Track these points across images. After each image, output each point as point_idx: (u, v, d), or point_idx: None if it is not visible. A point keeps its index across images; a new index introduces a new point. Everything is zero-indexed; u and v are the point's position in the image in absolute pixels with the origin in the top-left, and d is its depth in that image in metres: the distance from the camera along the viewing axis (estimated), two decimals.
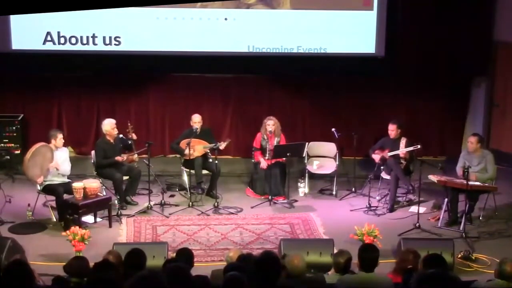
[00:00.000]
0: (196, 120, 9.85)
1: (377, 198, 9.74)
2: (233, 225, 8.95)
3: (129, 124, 9.68)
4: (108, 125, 9.45)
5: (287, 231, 8.83)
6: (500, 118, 11.54)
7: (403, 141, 9.67)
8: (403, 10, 10.96)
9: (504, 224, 9.07)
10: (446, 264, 5.69)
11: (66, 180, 8.99)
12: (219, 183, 9.87)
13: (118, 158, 9.27)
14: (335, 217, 9.23)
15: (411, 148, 9.49)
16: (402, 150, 9.57)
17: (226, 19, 10.76)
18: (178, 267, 4.76)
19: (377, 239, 7.83)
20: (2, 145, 10.77)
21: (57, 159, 8.87)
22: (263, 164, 9.85)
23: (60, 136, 9.00)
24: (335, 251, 6.86)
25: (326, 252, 7.29)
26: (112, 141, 9.45)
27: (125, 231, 8.68)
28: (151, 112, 11.53)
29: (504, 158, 11.04)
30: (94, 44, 10.66)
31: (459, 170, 9.08)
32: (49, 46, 10.61)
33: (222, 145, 9.72)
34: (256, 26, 10.84)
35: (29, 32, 10.56)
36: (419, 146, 9.43)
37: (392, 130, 9.70)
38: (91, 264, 5.61)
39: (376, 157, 9.73)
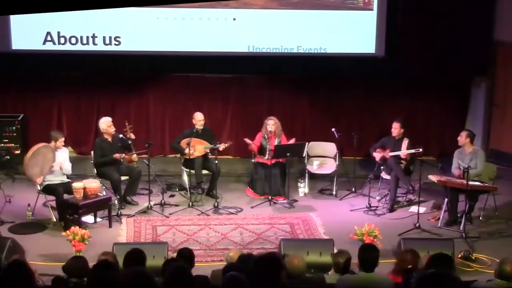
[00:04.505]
0: (200, 119, 9.85)
1: (377, 198, 9.74)
2: (233, 225, 8.95)
3: (127, 124, 9.65)
4: (104, 124, 9.46)
5: (287, 231, 8.83)
6: (500, 118, 11.54)
7: (405, 142, 9.67)
8: (403, 10, 10.95)
9: (504, 224, 9.07)
10: (453, 264, 5.70)
11: (66, 180, 9.00)
12: (219, 183, 9.87)
13: (116, 155, 9.26)
14: (335, 217, 9.23)
15: (412, 151, 9.49)
16: (404, 151, 9.57)
17: (226, 19, 10.76)
18: (180, 266, 4.77)
19: (377, 239, 7.83)
20: (2, 145, 10.77)
21: (58, 159, 8.88)
22: (252, 146, 9.90)
23: (62, 139, 9.06)
24: (335, 251, 6.87)
25: (326, 252, 7.28)
26: (110, 139, 9.45)
27: (125, 231, 8.68)
28: (151, 112, 11.53)
29: (504, 158, 11.05)
30: (94, 44, 10.66)
31: (454, 170, 9.11)
32: (49, 46, 10.61)
33: (221, 147, 9.71)
34: (256, 26, 10.84)
35: (29, 32, 10.55)
36: (420, 150, 9.43)
37: (396, 128, 9.70)
38: (91, 264, 5.60)
39: (377, 155, 9.73)
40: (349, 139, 10.23)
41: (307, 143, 10.15)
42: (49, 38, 10.60)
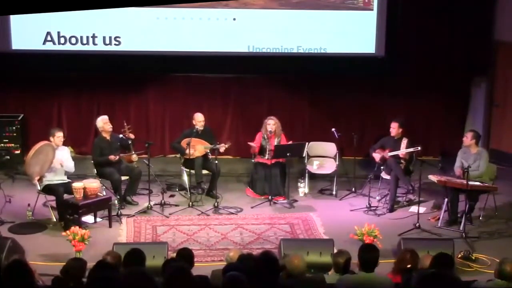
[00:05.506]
0: (200, 119, 9.84)
1: (377, 198, 9.74)
2: (233, 225, 8.95)
3: (125, 124, 9.63)
4: (100, 121, 9.47)
5: (287, 231, 8.83)
6: (500, 118, 11.54)
7: (404, 142, 9.67)
8: (403, 10, 10.96)
9: (504, 224, 9.07)
10: (454, 265, 5.71)
11: (66, 180, 8.99)
12: (219, 183, 9.87)
13: (111, 157, 9.25)
14: (335, 217, 9.23)
15: (411, 150, 9.50)
16: (402, 150, 9.57)
17: (226, 19, 10.76)
18: (180, 267, 4.77)
19: (377, 239, 7.83)
20: (2, 145, 10.78)
21: (57, 157, 8.87)
22: (254, 148, 9.90)
23: (58, 134, 8.98)
24: (335, 251, 6.86)
25: (326, 252, 7.29)
26: (108, 138, 9.45)
27: (125, 231, 8.68)
28: (151, 112, 11.53)
29: (504, 158, 11.04)
30: (94, 44, 10.67)
31: (457, 169, 9.09)
32: (49, 46, 10.62)
33: (222, 148, 9.71)
34: (256, 26, 10.84)
35: (29, 32, 10.56)
36: (419, 148, 9.44)
37: (393, 128, 9.71)
38: (91, 264, 5.60)
39: (377, 156, 9.73)
40: (349, 139, 10.23)
41: (307, 143, 10.15)
42: (49, 38, 10.60)
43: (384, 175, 9.83)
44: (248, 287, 4.70)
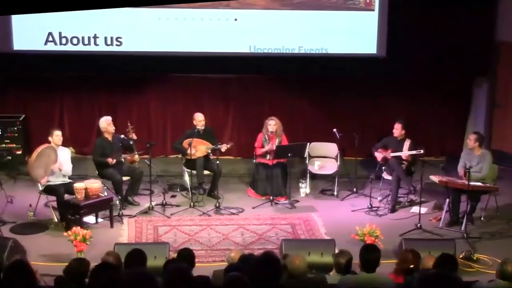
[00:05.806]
0: (200, 119, 9.84)
1: (379, 198, 9.73)
2: (235, 225, 8.95)
3: (129, 124, 9.65)
4: (104, 122, 9.46)
5: (288, 231, 8.83)
6: (502, 118, 11.54)
7: (407, 143, 9.66)
8: (404, 10, 10.96)
9: (506, 224, 9.07)
10: (457, 266, 5.70)
11: (67, 180, 9.00)
12: (220, 183, 9.87)
13: (108, 159, 9.22)
14: (337, 218, 9.23)
15: (414, 152, 9.49)
16: (405, 152, 9.57)
17: (227, 19, 10.76)
18: (179, 267, 4.77)
19: (378, 239, 7.83)
20: (4, 145, 10.78)
21: (59, 159, 8.87)
22: (269, 147, 9.83)
23: (56, 133, 8.93)
24: (337, 251, 6.86)
25: (328, 252, 7.29)
26: (110, 139, 9.44)
27: (126, 232, 8.68)
28: (152, 113, 11.53)
29: (506, 158, 11.04)
30: (96, 44, 10.67)
31: (460, 169, 9.10)
32: (50, 47, 10.62)
33: (224, 148, 9.71)
34: (258, 26, 10.84)
35: (30, 32, 10.56)
36: (422, 151, 9.43)
37: (397, 128, 9.71)
38: (93, 264, 5.60)
39: (379, 155, 9.73)
40: (350, 140, 10.22)
41: (308, 143, 10.15)
42: (50, 39, 10.61)
43: (385, 176, 9.82)
44: (249, 287, 4.70)
